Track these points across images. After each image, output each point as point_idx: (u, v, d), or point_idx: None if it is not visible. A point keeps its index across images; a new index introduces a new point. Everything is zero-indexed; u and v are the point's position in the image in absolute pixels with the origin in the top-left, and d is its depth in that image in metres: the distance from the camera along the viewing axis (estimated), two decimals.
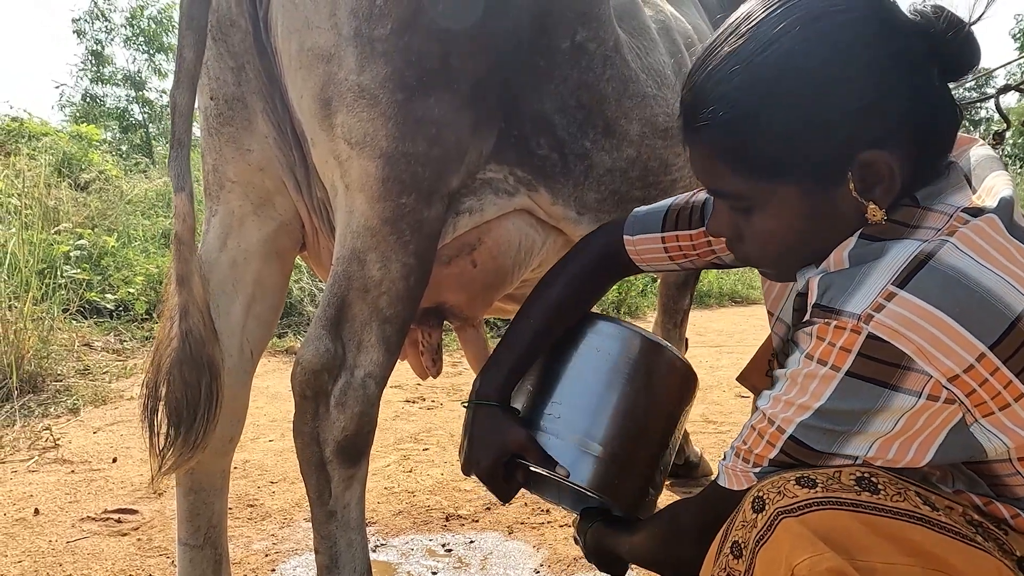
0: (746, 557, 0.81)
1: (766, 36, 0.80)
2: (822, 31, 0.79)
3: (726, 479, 0.91)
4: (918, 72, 0.81)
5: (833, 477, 0.79)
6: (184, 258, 1.20)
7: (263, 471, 2.62)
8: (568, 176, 1.40)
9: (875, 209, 0.81)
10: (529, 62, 1.29)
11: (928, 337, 0.73)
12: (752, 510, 0.82)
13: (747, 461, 0.88)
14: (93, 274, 4.65)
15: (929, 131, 0.83)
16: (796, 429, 0.82)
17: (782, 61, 0.80)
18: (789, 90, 0.80)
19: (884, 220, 0.82)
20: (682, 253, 1.19)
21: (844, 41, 0.79)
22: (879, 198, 0.81)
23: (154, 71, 17.98)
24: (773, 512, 0.79)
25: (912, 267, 0.75)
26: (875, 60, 0.79)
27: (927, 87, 0.81)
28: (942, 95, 0.83)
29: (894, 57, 0.79)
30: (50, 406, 3.20)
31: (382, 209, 1.17)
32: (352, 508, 1.24)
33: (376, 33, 1.13)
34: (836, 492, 0.78)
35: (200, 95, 1.28)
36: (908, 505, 0.77)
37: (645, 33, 1.53)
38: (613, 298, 6.93)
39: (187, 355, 1.20)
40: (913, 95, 0.80)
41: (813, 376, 0.80)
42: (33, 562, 1.90)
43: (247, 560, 1.94)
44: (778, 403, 0.85)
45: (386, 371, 1.24)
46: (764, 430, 0.86)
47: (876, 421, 0.78)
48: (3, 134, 6.65)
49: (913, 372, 0.74)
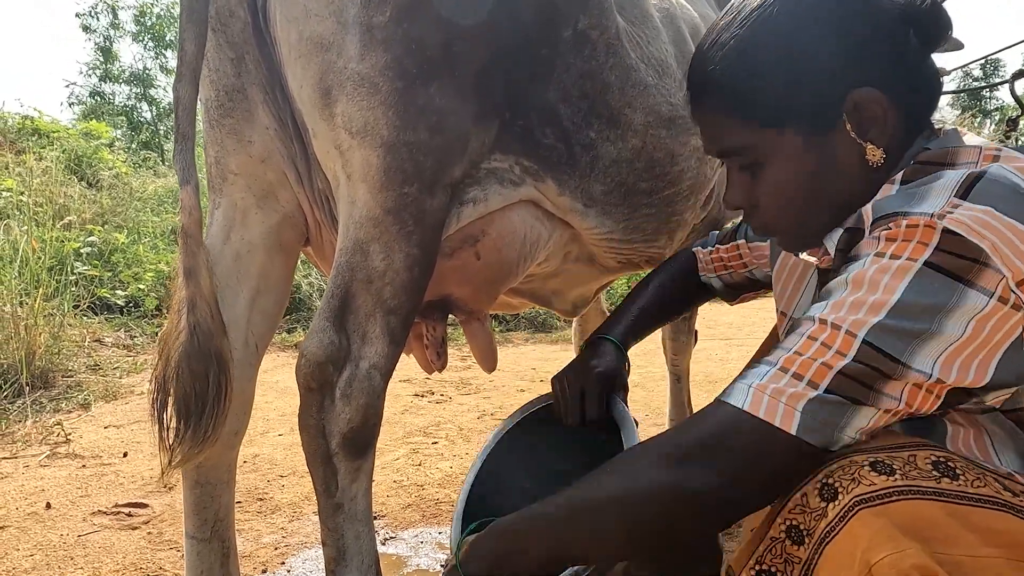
0: (809, 546, 0.75)
1: (758, 5, 0.91)
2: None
3: (757, 404, 0.77)
4: (897, 32, 0.88)
5: (909, 462, 0.75)
6: (191, 251, 1.20)
7: (272, 465, 2.63)
8: (574, 167, 1.39)
9: (873, 149, 0.88)
10: (531, 50, 1.28)
11: (1001, 236, 0.73)
12: (820, 498, 0.75)
13: (800, 378, 0.76)
14: (103, 271, 4.67)
15: (913, 81, 0.89)
16: (870, 332, 0.74)
17: (773, 20, 0.89)
18: (781, 42, 0.88)
19: (882, 160, 0.88)
20: (723, 264, 1.40)
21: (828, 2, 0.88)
22: (875, 137, 0.87)
23: (161, 68, 18.05)
24: (849, 502, 0.73)
25: (969, 182, 0.77)
26: (857, 14, 0.87)
27: (906, 46, 0.88)
28: (922, 59, 0.90)
29: (874, 14, 0.88)
30: (61, 401, 3.22)
31: (384, 199, 1.17)
32: (359, 500, 1.24)
33: (375, 20, 1.12)
34: (916, 480, 0.73)
35: (201, 87, 1.28)
36: (989, 491, 0.73)
37: (647, 21, 1.51)
38: (623, 291, 6.90)
39: (195, 348, 1.20)
40: (894, 48, 0.88)
41: (886, 270, 0.76)
42: (44, 556, 1.91)
43: (257, 553, 1.95)
44: (842, 307, 0.77)
45: (391, 362, 1.23)
46: (830, 338, 0.76)
47: (949, 323, 0.73)
48: (13, 132, 6.68)
49: (989, 269, 0.73)
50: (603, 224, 1.49)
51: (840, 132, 0.88)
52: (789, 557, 0.77)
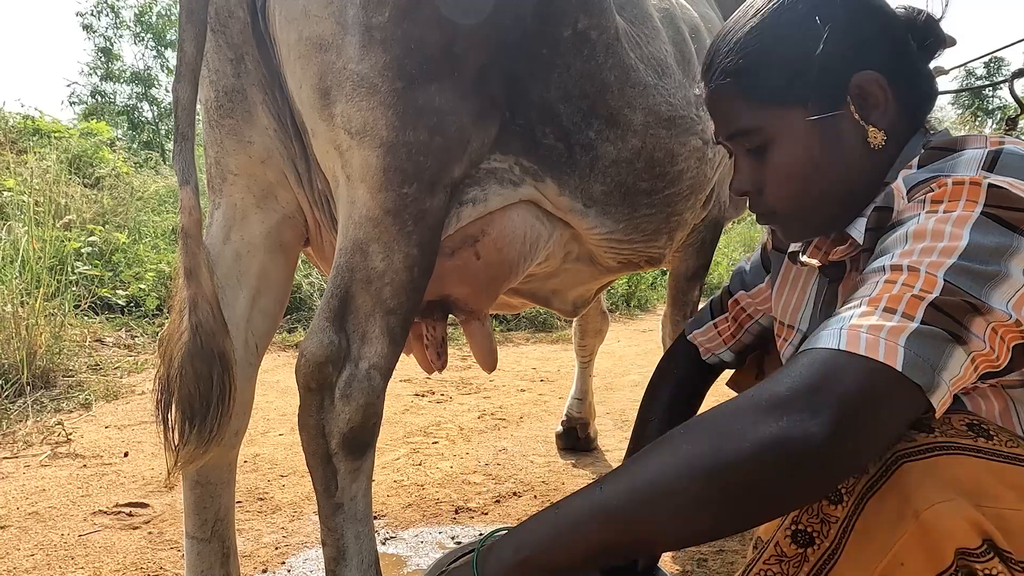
0: (849, 502, 0.75)
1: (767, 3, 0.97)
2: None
3: (855, 342, 0.70)
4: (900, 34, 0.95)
5: (945, 422, 0.77)
6: (191, 251, 1.20)
7: (273, 465, 2.63)
8: (574, 167, 1.39)
9: (875, 131, 0.93)
10: (531, 50, 1.28)
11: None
12: None
13: (892, 311, 0.72)
14: (104, 270, 4.67)
15: (913, 79, 0.95)
16: (948, 271, 0.73)
17: (785, 10, 0.95)
18: (791, 27, 0.94)
19: (883, 142, 0.93)
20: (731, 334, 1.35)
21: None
22: (877, 120, 0.92)
23: (162, 68, 18.05)
24: (891, 457, 0.74)
25: (992, 157, 0.81)
26: (865, 11, 0.94)
27: (907, 47, 0.95)
28: (920, 62, 0.97)
29: (880, 15, 0.95)
30: (62, 401, 3.22)
31: (384, 199, 1.17)
32: (359, 500, 1.24)
33: (374, 21, 1.12)
34: (954, 437, 0.75)
35: (201, 88, 1.28)
36: (1021, 451, 0.75)
37: (647, 22, 1.51)
38: (623, 291, 6.91)
39: (198, 348, 1.20)
40: (897, 47, 0.94)
41: (946, 220, 0.76)
42: (45, 555, 1.91)
43: (257, 553, 1.95)
44: (912, 253, 0.76)
45: (391, 362, 1.23)
46: (911, 278, 0.74)
47: (1014, 267, 0.74)
48: (15, 132, 6.69)
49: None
50: (603, 224, 1.49)
51: (845, 114, 0.93)
52: (826, 517, 0.77)
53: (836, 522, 0.76)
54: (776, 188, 0.99)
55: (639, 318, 6.67)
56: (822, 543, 0.77)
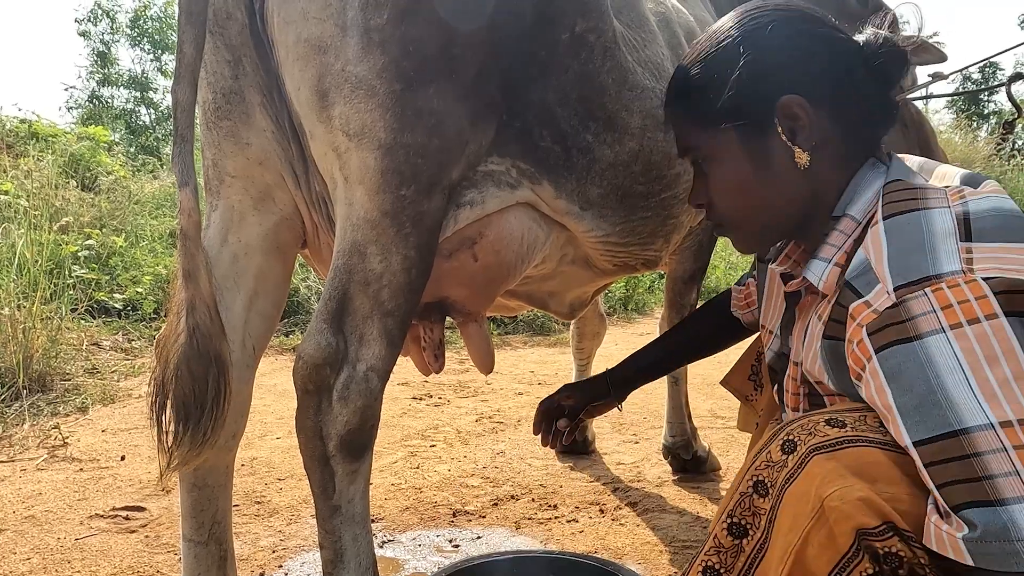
0: (773, 495, 0.83)
1: (718, 29, 1.05)
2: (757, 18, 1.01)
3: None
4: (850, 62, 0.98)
5: (860, 419, 0.84)
6: (190, 253, 1.20)
7: (270, 468, 2.63)
8: (571, 169, 1.39)
9: (800, 152, 0.97)
10: (529, 53, 1.28)
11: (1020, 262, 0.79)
12: (782, 452, 0.84)
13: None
14: (101, 274, 4.66)
15: (857, 107, 0.99)
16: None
17: (723, 39, 1.03)
18: (732, 50, 1.01)
19: (807, 164, 0.98)
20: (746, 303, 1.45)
21: (773, 22, 1.00)
22: (802, 142, 0.97)
23: (159, 72, 18.05)
24: (806, 450, 0.82)
25: (964, 227, 0.83)
26: (811, 36, 0.99)
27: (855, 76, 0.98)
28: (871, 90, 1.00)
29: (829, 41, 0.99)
30: (59, 405, 3.22)
31: (382, 201, 1.17)
32: (356, 503, 1.24)
33: (373, 23, 1.12)
34: (864, 432, 0.82)
35: (199, 90, 1.28)
36: None
37: (644, 25, 1.52)
38: (620, 294, 6.91)
39: (195, 350, 1.19)
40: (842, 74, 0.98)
41: (983, 336, 0.76)
42: (42, 559, 1.90)
43: (254, 556, 1.95)
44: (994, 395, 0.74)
45: (388, 364, 1.23)
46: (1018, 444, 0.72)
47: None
48: (12, 136, 6.68)
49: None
50: (599, 227, 1.49)
51: (774, 136, 0.99)
52: (756, 509, 0.85)
53: (764, 514, 0.84)
54: (718, 202, 1.07)
55: (637, 321, 6.68)
56: (755, 534, 0.85)
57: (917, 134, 3.08)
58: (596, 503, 2.30)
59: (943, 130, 11.94)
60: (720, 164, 1.04)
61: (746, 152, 1.01)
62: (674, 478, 2.51)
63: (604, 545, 1.99)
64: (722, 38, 1.03)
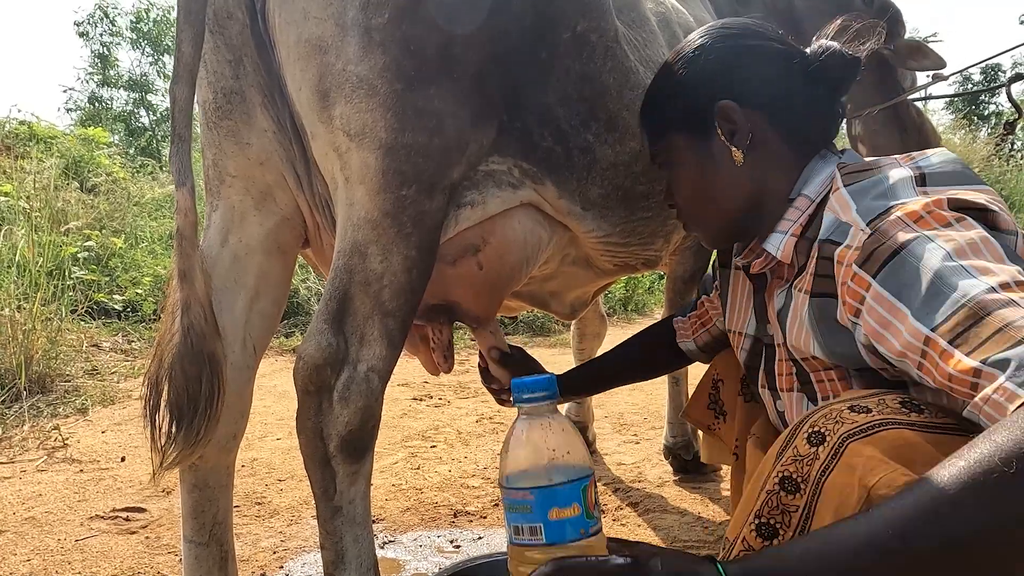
0: (806, 490, 0.80)
1: (677, 48, 1.20)
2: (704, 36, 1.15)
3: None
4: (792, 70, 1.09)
5: (881, 402, 0.82)
6: (186, 253, 1.20)
7: (271, 469, 2.62)
8: (573, 169, 1.39)
9: (737, 152, 1.09)
10: (530, 53, 1.28)
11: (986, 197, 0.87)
12: (809, 444, 0.81)
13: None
14: (101, 275, 4.66)
15: (801, 110, 1.09)
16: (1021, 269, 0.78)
17: (677, 57, 1.17)
18: (675, 69, 1.16)
19: (743, 160, 1.08)
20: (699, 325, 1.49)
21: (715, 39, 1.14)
22: (738, 141, 1.09)
23: (159, 74, 18.04)
24: (837, 440, 0.79)
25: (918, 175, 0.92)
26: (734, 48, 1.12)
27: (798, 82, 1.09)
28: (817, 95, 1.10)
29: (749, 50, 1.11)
30: (59, 406, 3.21)
31: (382, 201, 1.17)
32: (357, 504, 1.23)
33: (374, 22, 1.12)
34: (889, 415, 0.80)
35: (199, 89, 1.28)
36: (951, 420, 0.80)
37: (644, 25, 1.52)
38: (621, 295, 6.92)
39: (188, 350, 1.20)
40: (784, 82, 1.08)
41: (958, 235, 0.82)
42: (42, 560, 1.90)
43: (255, 557, 1.94)
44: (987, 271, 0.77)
45: (389, 365, 1.23)
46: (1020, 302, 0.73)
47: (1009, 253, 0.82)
48: (12, 137, 6.68)
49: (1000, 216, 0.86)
50: (600, 227, 1.49)
51: (716, 138, 1.11)
52: (786, 507, 0.81)
53: (796, 511, 0.80)
54: (680, 202, 1.20)
55: (637, 321, 6.68)
56: (785, 533, 0.81)
57: (917, 137, 3.08)
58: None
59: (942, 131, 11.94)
60: (677, 167, 1.18)
61: (695, 154, 1.14)
62: (675, 478, 2.51)
63: None
64: (676, 56, 1.17)
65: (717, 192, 1.13)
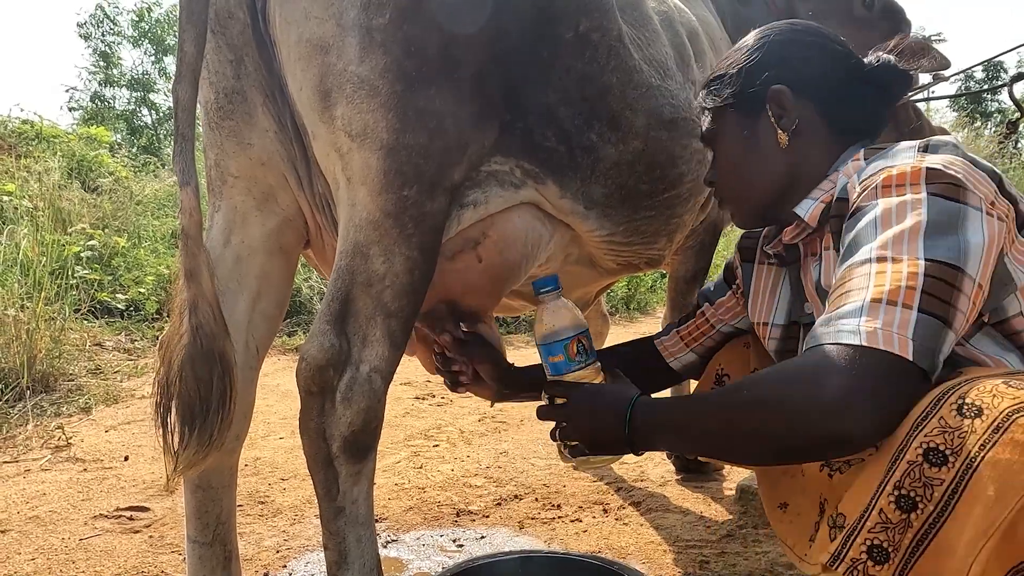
0: (956, 464, 0.76)
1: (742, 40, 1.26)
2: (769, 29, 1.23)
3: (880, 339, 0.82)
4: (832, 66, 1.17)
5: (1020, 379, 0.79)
6: (192, 253, 1.19)
7: (274, 468, 2.63)
8: (575, 169, 1.39)
9: (782, 134, 1.16)
10: (532, 53, 1.28)
11: (964, 170, 0.92)
12: (960, 415, 0.77)
13: (894, 304, 0.83)
14: (104, 274, 4.67)
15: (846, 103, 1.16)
16: (925, 249, 0.85)
17: (741, 45, 1.24)
18: (738, 54, 1.23)
19: (787, 143, 1.15)
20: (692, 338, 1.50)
21: (779, 32, 1.21)
22: (784, 124, 1.15)
23: (160, 73, 18.04)
24: (999, 414, 0.75)
25: (923, 146, 0.99)
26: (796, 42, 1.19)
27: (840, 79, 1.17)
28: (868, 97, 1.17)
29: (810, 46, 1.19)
30: (62, 405, 3.22)
31: (384, 202, 1.17)
32: (360, 504, 1.24)
33: (375, 23, 1.12)
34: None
35: (201, 90, 1.28)
36: None
37: (647, 24, 1.52)
38: (623, 294, 6.91)
39: (198, 350, 1.19)
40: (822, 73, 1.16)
41: (904, 204, 0.90)
42: (46, 559, 1.90)
43: (258, 557, 1.95)
44: (887, 243, 0.88)
45: (392, 365, 1.23)
46: (896, 268, 0.85)
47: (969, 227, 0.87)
48: (14, 136, 6.69)
49: (969, 191, 0.89)
50: (603, 226, 1.49)
51: (765, 119, 1.17)
52: (929, 480, 0.77)
53: (941, 484, 0.76)
54: (721, 177, 1.26)
55: (639, 321, 6.67)
56: (925, 507, 0.77)
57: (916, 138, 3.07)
58: (600, 503, 2.30)
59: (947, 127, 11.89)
60: (722, 143, 1.24)
61: (743, 132, 1.20)
62: (677, 477, 2.51)
63: (608, 545, 1.99)
64: (741, 44, 1.25)
65: (756, 169, 1.20)
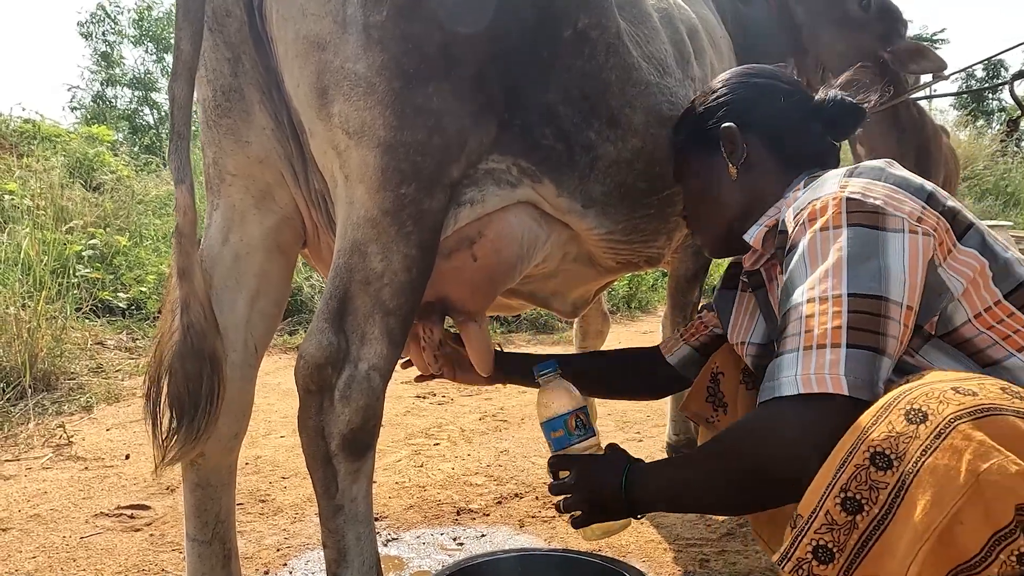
0: (901, 468, 0.78)
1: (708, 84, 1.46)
2: (726, 76, 1.39)
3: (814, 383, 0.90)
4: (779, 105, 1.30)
5: (983, 386, 0.81)
6: (185, 251, 1.20)
7: (274, 467, 2.63)
8: (574, 167, 1.38)
9: (732, 168, 1.28)
10: (531, 50, 1.27)
11: (884, 194, 0.99)
12: (907, 421, 0.80)
13: (823, 347, 0.91)
14: (106, 273, 4.67)
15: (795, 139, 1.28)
16: (849, 284, 0.93)
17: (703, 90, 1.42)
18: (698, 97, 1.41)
19: (735, 176, 1.28)
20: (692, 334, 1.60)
21: (731, 77, 1.38)
22: (734, 160, 1.28)
23: (163, 72, 18.04)
24: (942, 420, 0.78)
25: (849, 170, 1.08)
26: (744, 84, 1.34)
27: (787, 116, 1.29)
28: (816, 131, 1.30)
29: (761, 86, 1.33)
30: (64, 404, 3.22)
31: (382, 200, 1.16)
32: (359, 502, 1.24)
33: (372, 20, 1.12)
34: (995, 400, 0.79)
35: (198, 88, 1.27)
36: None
37: (646, 21, 1.51)
38: (624, 293, 6.90)
39: (188, 348, 1.20)
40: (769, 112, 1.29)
41: (826, 239, 0.98)
42: (47, 558, 1.91)
43: (259, 555, 1.95)
44: (814, 284, 0.96)
45: (390, 364, 1.23)
46: (823, 309, 0.93)
47: (889, 252, 0.94)
48: (16, 136, 6.69)
49: (888, 215, 0.96)
50: (602, 225, 1.49)
51: (719, 154, 1.30)
52: (875, 483, 0.80)
53: (886, 488, 0.79)
54: (691, 212, 1.41)
55: (640, 319, 6.67)
56: (871, 509, 0.80)
57: (916, 138, 3.06)
58: None
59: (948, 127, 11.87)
60: (687, 178, 1.40)
61: (703, 168, 1.34)
62: None
63: (608, 543, 1.98)
64: (706, 88, 1.41)
65: (716, 201, 1.32)
